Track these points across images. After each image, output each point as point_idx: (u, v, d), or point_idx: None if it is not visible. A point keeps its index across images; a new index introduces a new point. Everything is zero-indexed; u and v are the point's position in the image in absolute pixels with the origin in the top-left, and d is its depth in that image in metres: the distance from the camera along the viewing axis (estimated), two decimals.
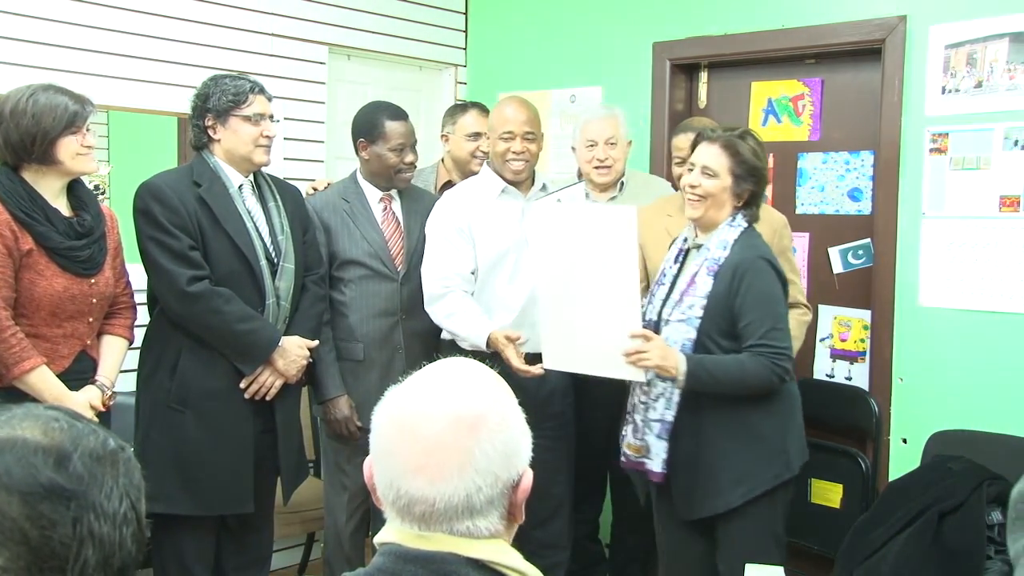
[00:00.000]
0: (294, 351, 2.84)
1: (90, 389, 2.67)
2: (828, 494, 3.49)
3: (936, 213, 3.27)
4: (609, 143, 3.37)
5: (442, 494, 1.13)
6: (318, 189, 3.34)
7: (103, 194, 3.40)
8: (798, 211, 3.73)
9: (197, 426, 2.74)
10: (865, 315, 3.55)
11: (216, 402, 2.76)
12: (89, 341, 2.69)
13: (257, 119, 2.80)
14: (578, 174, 3.55)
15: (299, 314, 2.91)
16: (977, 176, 3.18)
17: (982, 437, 3.11)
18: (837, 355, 3.66)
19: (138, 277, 2.83)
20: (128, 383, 2.93)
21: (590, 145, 3.39)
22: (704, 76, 3.99)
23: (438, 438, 1.14)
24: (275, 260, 2.83)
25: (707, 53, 3.86)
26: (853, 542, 2.94)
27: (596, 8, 4.14)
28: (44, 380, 2.53)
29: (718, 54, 3.83)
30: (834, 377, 3.66)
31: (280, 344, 2.80)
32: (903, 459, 3.30)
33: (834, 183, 3.68)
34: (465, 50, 4.58)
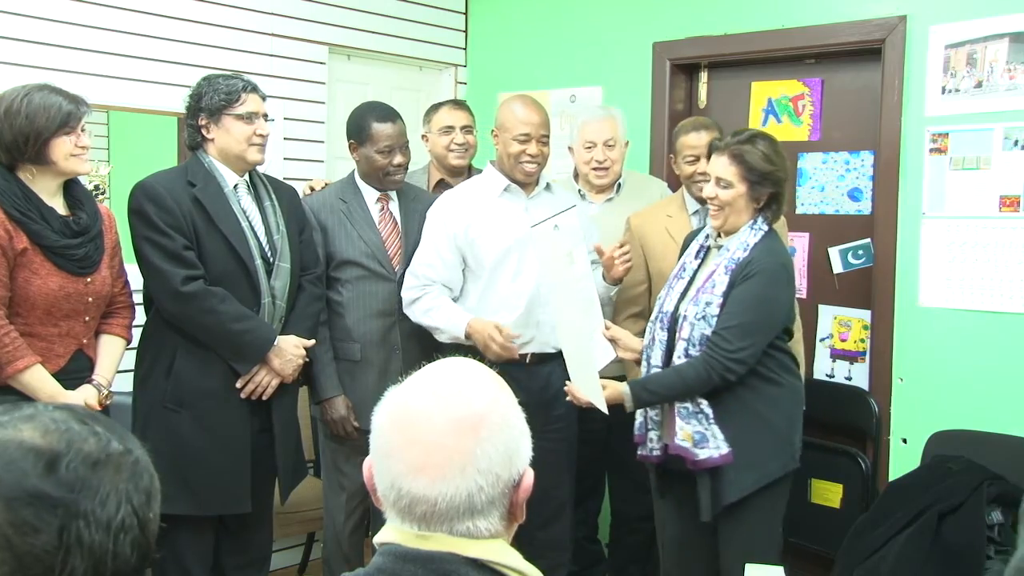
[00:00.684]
0: (290, 350, 2.83)
1: (86, 388, 2.65)
2: (828, 494, 3.49)
3: (936, 213, 3.27)
4: (607, 145, 3.36)
5: (444, 494, 1.13)
6: (316, 189, 3.33)
7: (103, 194, 3.39)
8: (798, 211, 3.72)
9: (193, 426, 2.74)
10: (865, 315, 3.55)
11: (212, 402, 2.76)
12: (86, 340, 2.68)
13: (250, 118, 2.79)
14: (574, 175, 3.55)
15: (295, 313, 2.91)
16: (977, 176, 3.18)
17: (982, 437, 3.11)
18: (837, 355, 3.66)
19: (136, 277, 2.83)
20: (126, 383, 2.93)
21: (588, 146, 3.39)
22: (704, 76, 3.98)
23: (439, 438, 1.14)
24: (271, 259, 2.83)
25: (707, 53, 3.86)
26: (853, 542, 2.93)
27: (596, 8, 4.13)
28: (39, 379, 2.52)
29: (718, 54, 3.83)
30: (834, 377, 3.66)
31: (276, 343, 2.80)
32: (903, 459, 3.29)
33: (834, 183, 3.68)
34: (465, 50, 4.58)
